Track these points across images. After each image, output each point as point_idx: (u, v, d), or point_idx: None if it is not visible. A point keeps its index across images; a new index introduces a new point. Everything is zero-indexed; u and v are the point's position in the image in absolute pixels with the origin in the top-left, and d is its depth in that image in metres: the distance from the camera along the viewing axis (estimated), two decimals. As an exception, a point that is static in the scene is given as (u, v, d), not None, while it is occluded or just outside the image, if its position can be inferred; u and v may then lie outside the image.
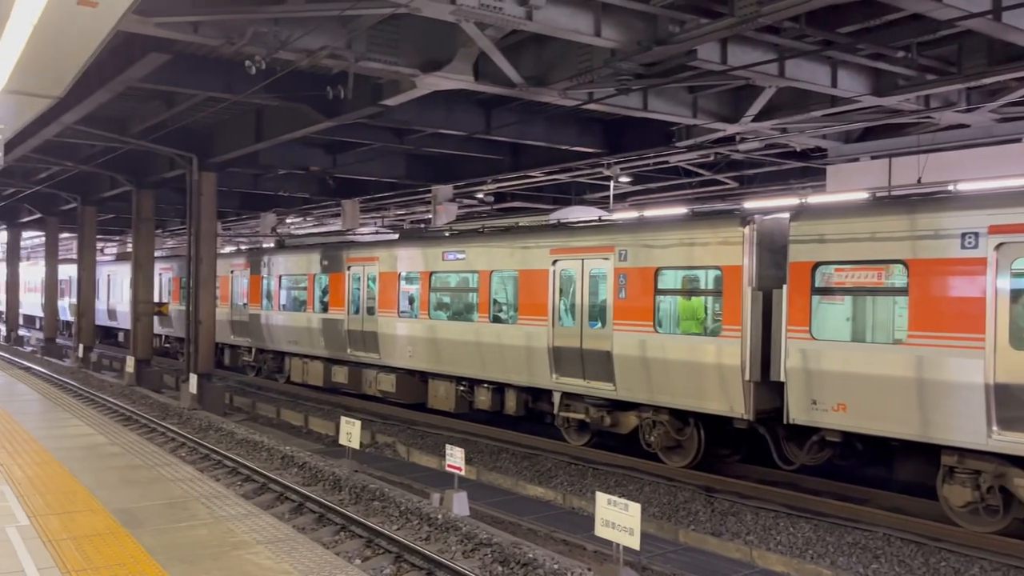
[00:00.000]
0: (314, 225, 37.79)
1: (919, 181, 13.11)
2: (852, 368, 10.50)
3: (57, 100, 11.34)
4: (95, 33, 8.25)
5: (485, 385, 16.24)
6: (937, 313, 9.77)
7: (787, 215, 11.58)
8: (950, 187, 10.53)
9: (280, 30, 10.63)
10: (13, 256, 40.56)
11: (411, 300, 18.24)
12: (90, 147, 21.83)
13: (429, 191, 24.51)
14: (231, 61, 13.49)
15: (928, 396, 9.79)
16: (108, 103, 15.65)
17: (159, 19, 10.21)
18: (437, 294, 17.63)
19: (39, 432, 9.12)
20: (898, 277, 10.33)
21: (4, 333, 40.19)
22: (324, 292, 21.30)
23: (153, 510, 6.30)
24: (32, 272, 46.44)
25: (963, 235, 9.59)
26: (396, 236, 21.38)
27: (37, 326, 44.61)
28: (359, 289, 19.83)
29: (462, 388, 16.95)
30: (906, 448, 10.74)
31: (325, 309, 21.13)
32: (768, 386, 11.55)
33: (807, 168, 20.00)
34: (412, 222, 33.89)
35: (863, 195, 11.62)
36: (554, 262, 14.54)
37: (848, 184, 15.56)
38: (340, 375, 20.64)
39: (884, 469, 11.81)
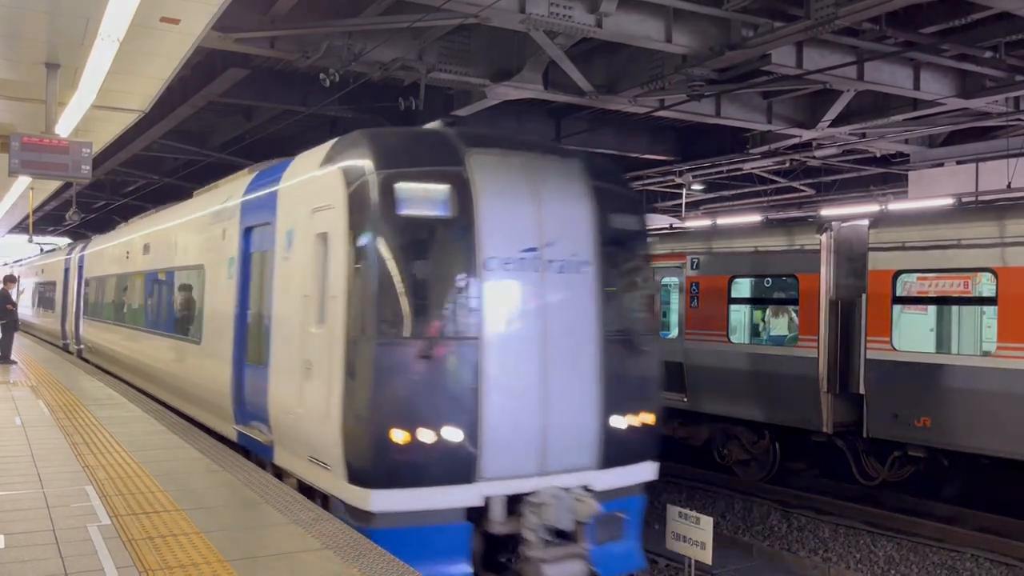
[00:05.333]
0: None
1: (1008, 186, 12.59)
2: (936, 381, 10.09)
3: (143, 115, 11.80)
4: (177, 49, 8.55)
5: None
6: (1029, 324, 9.32)
7: (866, 222, 11.23)
8: (1042, 192, 10.08)
9: (353, 43, 10.83)
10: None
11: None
12: (174, 160, 22.62)
13: (500, 201, 24.59)
14: (306, 75, 13.81)
15: (1019, 411, 9.32)
16: (190, 117, 16.19)
17: (238, 35, 10.53)
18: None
19: (122, 435, 9.45)
20: (986, 286, 9.90)
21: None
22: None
23: (227, 512, 6.44)
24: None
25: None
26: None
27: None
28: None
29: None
30: (996, 465, 10.25)
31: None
32: (847, 398, 11.19)
33: (888, 174, 19.38)
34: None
35: (947, 201, 11.20)
36: (624, 271, 14.37)
37: (932, 190, 15.04)
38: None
39: (973, 487, 11.30)
